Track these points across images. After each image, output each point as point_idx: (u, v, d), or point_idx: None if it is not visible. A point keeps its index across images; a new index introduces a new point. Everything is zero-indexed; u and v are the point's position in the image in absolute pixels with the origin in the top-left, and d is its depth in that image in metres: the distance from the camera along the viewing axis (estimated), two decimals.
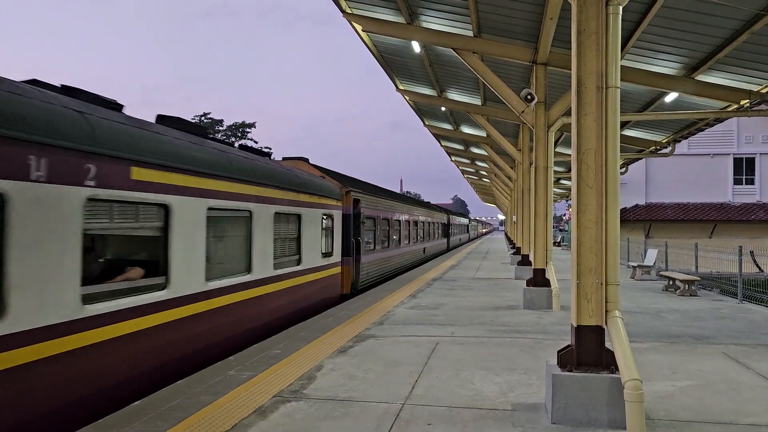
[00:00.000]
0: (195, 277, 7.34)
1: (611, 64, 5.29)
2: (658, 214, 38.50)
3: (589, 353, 5.22)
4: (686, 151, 38.62)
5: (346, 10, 13.58)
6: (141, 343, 6.24)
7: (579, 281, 5.32)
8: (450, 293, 14.83)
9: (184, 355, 7.08)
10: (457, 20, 12.59)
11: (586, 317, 5.27)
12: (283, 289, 10.32)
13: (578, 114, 5.36)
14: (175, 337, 6.89)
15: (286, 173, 10.82)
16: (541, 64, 12.45)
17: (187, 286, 7.16)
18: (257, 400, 5.74)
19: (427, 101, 20.96)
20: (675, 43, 11.12)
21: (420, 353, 7.87)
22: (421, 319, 10.66)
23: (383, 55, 16.98)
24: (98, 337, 5.58)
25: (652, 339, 8.87)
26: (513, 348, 8.25)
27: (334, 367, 7.07)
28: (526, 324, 10.25)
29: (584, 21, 5.34)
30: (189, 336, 7.20)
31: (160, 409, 5.46)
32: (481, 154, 32.21)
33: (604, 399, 5.01)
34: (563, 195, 52.34)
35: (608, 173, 5.29)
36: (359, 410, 5.47)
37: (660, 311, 11.87)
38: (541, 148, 12.58)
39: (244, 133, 72.76)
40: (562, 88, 14.66)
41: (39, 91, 5.38)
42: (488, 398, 5.87)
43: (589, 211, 5.33)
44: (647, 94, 14.90)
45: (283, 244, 10.62)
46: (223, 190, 8.08)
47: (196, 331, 7.38)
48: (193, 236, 7.28)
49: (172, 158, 6.89)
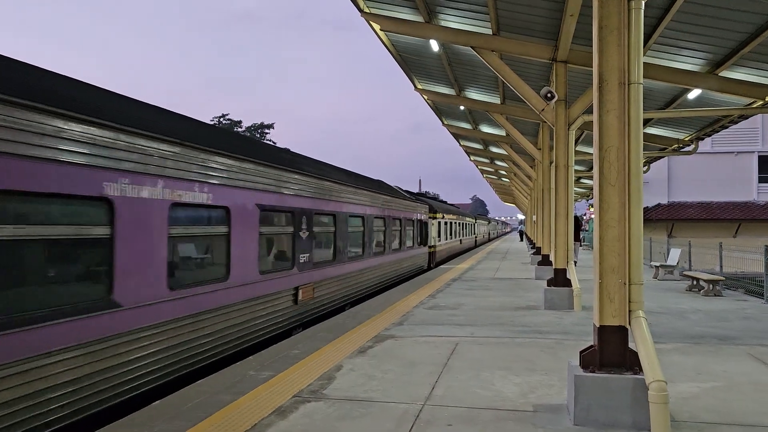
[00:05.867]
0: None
1: (633, 59, 5.20)
2: (680, 213, 37.98)
3: (613, 354, 5.14)
4: (709, 149, 38.04)
5: (364, 10, 13.56)
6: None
7: (601, 281, 5.24)
8: (469, 293, 14.74)
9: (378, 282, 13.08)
10: (475, 18, 12.51)
11: (609, 317, 5.18)
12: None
13: (600, 111, 5.28)
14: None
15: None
16: (561, 61, 12.32)
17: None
18: (277, 400, 5.74)
19: (446, 100, 20.87)
20: (698, 38, 10.92)
21: (439, 353, 7.83)
22: (441, 320, 10.60)
23: (401, 54, 16.94)
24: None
25: (675, 340, 8.72)
26: (533, 348, 8.16)
27: (353, 368, 7.05)
28: (547, 324, 10.15)
29: (606, 16, 5.26)
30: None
31: (181, 408, 5.49)
32: (500, 153, 32.00)
33: (627, 400, 4.92)
34: (583, 194, 51.83)
35: (631, 171, 5.20)
36: (378, 410, 5.45)
37: (683, 311, 11.68)
38: (562, 146, 12.45)
39: (262, 134, 73.24)
40: (582, 85, 14.49)
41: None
42: (509, 399, 5.81)
43: (612, 209, 5.25)
44: (669, 91, 14.68)
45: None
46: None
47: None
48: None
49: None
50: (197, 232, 7.66)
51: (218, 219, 8.10)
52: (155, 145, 6.54)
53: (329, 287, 12.28)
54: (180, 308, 7.02)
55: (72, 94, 5.76)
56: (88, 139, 5.56)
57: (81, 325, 5.37)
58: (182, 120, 8.15)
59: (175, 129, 7.23)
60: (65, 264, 5.43)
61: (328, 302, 12.35)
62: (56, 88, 5.61)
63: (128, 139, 6.10)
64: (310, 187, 11.38)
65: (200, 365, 7.47)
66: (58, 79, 5.96)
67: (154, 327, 6.53)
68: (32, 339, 4.86)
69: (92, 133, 5.61)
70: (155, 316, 6.54)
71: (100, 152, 5.70)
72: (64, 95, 5.59)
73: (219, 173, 7.97)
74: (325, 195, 12.15)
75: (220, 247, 8.14)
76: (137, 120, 6.45)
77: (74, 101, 5.60)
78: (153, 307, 6.51)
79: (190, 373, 7.34)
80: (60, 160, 5.21)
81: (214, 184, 7.81)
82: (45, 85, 5.49)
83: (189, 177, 7.24)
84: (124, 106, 6.63)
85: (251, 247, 8.88)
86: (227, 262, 8.22)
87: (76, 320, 5.30)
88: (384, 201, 17.47)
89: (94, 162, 5.62)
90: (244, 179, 8.71)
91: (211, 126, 9.89)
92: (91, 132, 5.60)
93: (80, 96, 5.89)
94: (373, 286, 16.13)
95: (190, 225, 7.46)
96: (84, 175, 5.49)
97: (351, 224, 13.99)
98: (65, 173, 5.26)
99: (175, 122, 7.66)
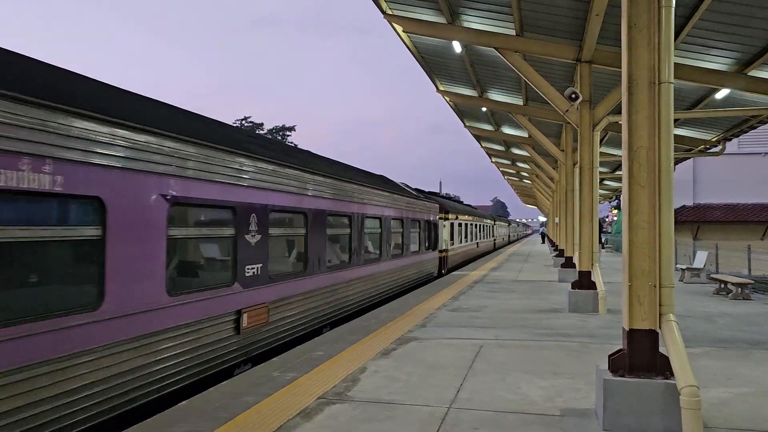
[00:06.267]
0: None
1: (664, 59, 5.11)
2: (706, 215, 37.35)
3: (643, 358, 5.05)
4: (736, 150, 37.32)
5: (386, 11, 13.56)
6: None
7: (631, 283, 5.15)
8: (492, 295, 14.64)
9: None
10: (499, 19, 12.43)
11: (639, 320, 5.09)
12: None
13: (629, 111, 5.20)
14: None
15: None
16: (585, 62, 12.19)
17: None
18: (301, 402, 5.74)
19: (468, 102, 20.78)
20: (726, 38, 10.73)
21: (464, 356, 7.77)
22: (464, 322, 10.53)
23: (423, 56, 16.90)
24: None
25: (704, 344, 8.54)
26: (559, 352, 8.06)
27: (377, 370, 7.03)
28: (572, 327, 10.02)
29: (635, 15, 5.18)
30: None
31: (206, 409, 5.52)
32: (522, 154, 31.79)
33: (658, 406, 4.83)
34: (606, 196, 51.24)
35: (661, 172, 5.11)
36: (403, 413, 5.41)
37: (711, 315, 11.46)
38: (587, 147, 12.31)
39: (284, 136, 73.67)
40: (607, 86, 14.33)
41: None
42: (535, 403, 5.73)
43: (641, 211, 5.15)
44: (696, 91, 14.44)
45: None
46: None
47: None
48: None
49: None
50: (33, 236, 4.73)
51: (87, 216, 5.35)
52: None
53: (297, 306, 9.44)
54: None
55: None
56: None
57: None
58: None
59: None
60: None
61: (296, 326, 9.49)
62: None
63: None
64: (265, 175, 8.51)
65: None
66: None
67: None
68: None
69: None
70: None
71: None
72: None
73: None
74: (290, 187, 9.39)
75: (88, 259, 5.34)
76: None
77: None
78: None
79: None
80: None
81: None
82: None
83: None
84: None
85: (152, 257, 6.07)
86: (100, 281, 5.40)
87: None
88: (382, 198, 14.75)
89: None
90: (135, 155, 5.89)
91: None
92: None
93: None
94: (365, 300, 13.33)
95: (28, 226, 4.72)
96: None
97: (332, 225, 11.28)
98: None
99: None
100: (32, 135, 4.70)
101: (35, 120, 4.74)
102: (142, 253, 5.93)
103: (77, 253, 5.25)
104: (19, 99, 4.61)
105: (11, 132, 4.53)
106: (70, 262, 5.19)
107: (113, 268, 5.50)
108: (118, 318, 5.53)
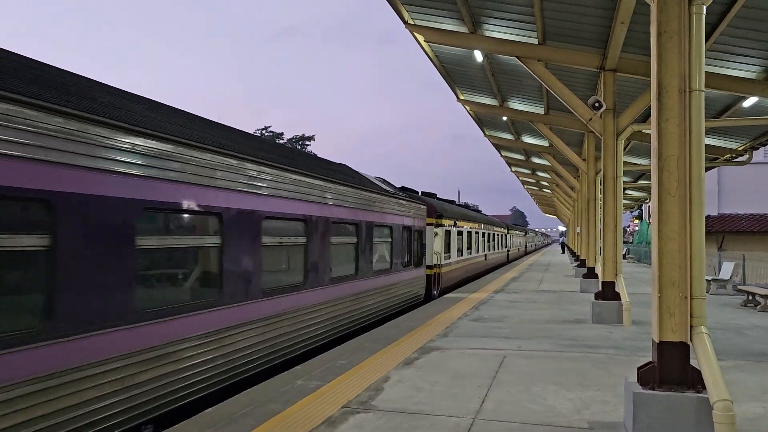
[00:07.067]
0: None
1: (695, 66, 5.04)
2: (732, 225, 36.72)
3: (673, 371, 4.95)
4: (762, 159, 36.66)
5: (408, 21, 13.59)
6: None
7: (661, 294, 5.05)
8: (513, 306, 14.51)
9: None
10: (521, 28, 12.38)
11: (669, 332, 4.99)
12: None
13: (659, 119, 5.12)
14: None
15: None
16: (609, 70, 12.08)
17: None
18: (326, 411, 5.72)
19: (488, 111, 20.70)
20: (755, 44, 10.57)
21: (487, 366, 7.69)
22: (486, 332, 10.44)
23: (444, 65, 16.89)
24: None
25: (735, 357, 8.37)
26: (584, 363, 7.94)
27: (400, 379, 6.98)
28: (596, 338, 9.88)
29: (665, 22, 5.12)
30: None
31: (233, 416, 5.52)
32: (542, 163, 31.58)
33: (690, 420, 4.72)
34: (628, 206, 50.65)
35: (692, 181, 5.03)
36: (429, 424, 5.36)
37: (741, 327, 11.23)
38: (610, 157, 12.18)
39: (303, 145, 74.12)
40: (631, 94, 14.19)
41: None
42: (562, 415, 5.65)
43: (672, 220, 5.07)
44: (723, 99, 14.24)
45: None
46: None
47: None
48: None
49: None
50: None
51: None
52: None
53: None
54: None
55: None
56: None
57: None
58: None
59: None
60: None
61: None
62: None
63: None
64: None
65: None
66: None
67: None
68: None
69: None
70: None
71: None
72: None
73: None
74: (167, 171, 6.11)
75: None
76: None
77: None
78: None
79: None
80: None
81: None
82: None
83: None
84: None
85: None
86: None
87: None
88: (326, 192, 10.10)
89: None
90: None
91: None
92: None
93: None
94: (266, 357, 8.06)
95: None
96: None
97: (190, 234, 6.66)
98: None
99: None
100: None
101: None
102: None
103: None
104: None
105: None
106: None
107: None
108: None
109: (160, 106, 7.39)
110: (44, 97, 4.84)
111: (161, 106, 7.37)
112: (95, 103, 5.56)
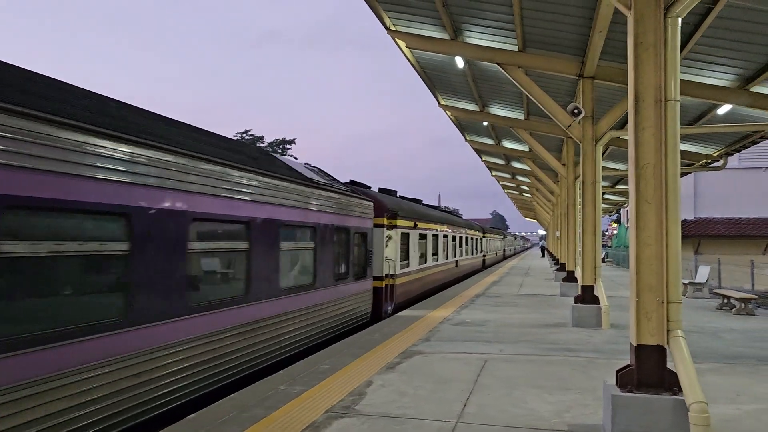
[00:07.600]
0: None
1: (671, 76, 5.18)
2: (708, 229, 37.38)
3: (651, 374, 5.06)
4: (737, 165, 37.42)
5: (390, 28, 13.69)
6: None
7: (638, 299, 5.17)
8: (495, 310, 14.64)
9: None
10: (502, 35, 12.54)
11: (647, 336, 5.11)
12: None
13: (636, 128, 5.25)
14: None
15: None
16: (588, 77, 12.28)
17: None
18: (309, 416, 5.74)
19: (469, 116, 20.89)
20: (729, 54, 10.83)
21: (469, 370, 7.77)
22: (468, 336, 10.53)
23: (426, 71, 17.02)
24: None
25: (711, 360, 8.56)
26: (565, 367, 8.06)
27: (383, 384, 7.03)
28: (576, 342, 10.02)
29: (642, 33, 5.25)
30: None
31: (215, 422, 5.52)
32: (522, 168, 31.87)
33: (667, 421, 4.83)
34: (607, 210, 51.28)
35: (668, 188, 5.16)
36: (412, 428, 5.42)
37: (717, 330, 11.46)
38: (589, 162, 12.37)
39: (284, 149, 73.88)
40: (609, 101, 14.42)
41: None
42: (543, 418, 5.74)
43: (649, 227, 5.20)
44: (699, 107, 14.53)
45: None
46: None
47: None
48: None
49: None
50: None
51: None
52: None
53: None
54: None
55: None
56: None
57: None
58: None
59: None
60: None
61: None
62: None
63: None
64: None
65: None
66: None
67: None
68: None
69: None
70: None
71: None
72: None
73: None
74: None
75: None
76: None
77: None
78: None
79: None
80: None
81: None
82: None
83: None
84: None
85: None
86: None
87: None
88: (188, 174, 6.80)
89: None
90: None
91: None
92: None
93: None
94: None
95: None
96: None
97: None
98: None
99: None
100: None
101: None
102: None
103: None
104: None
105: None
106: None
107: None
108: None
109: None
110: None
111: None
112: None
